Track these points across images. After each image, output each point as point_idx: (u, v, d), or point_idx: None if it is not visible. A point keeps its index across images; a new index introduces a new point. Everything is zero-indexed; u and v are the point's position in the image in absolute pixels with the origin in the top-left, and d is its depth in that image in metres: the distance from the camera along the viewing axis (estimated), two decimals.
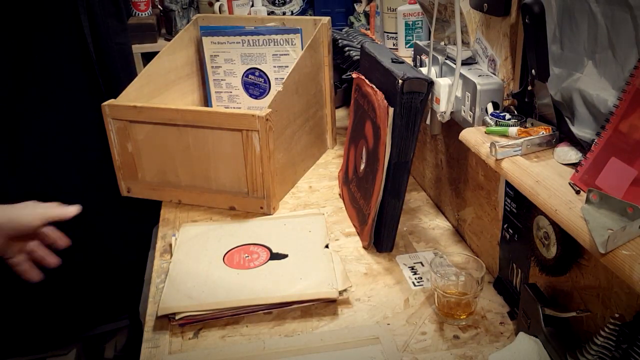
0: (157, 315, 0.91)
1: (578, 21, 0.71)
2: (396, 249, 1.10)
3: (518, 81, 0.87)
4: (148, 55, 1.92)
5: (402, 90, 0.95)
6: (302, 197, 1.31)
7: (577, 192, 0.66)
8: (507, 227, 0.92)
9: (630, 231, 0.56)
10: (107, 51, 1.42)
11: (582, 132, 0.72)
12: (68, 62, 1.35)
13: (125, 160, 1.26)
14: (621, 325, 0.62)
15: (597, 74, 0.69)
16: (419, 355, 0.84)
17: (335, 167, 1.44)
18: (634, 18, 0.62)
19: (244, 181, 1.20)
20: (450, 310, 0.90)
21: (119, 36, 1.50)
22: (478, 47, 0.96)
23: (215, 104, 1.57)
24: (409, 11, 1.29)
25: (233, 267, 1.02)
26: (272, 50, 1.45)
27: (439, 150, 1.22)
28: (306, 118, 1.37)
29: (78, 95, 1.38)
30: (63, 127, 1.37)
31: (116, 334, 1.70)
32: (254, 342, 0.87)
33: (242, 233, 1.13)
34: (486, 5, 0.88)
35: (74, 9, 1.32)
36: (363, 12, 1.82)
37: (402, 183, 1.02)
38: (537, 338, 0.77)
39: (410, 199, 1.30)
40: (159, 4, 2.25)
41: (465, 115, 0.93)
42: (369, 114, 1.09)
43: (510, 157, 0.76)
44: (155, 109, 1.20)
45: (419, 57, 1.12)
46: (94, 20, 1.37)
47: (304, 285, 0.95)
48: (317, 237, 1.10)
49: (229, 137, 1.16)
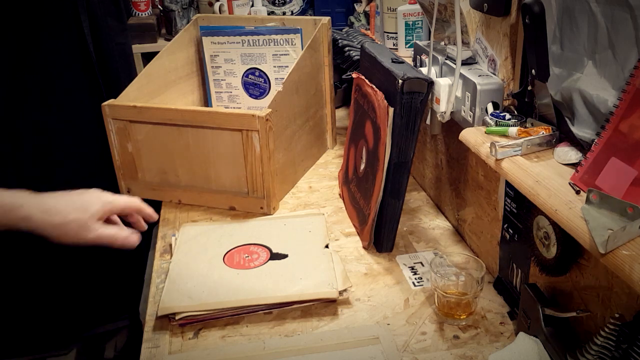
0: (157, 315, 0.91)
1: (578, 21, 0.71)
2: (396, 249, 1.10)
3: (518, 81, 0.87)
4: (148, 55, 1.91)
5: (402, 90, 0.95)
6: (302, 197, 1.31)
7: (577, 192, 0.66)
8: (507, 227, 0.92)
9: (630, 231, 0.56)
10: (107, 51, 1.42)
11: (582, 132, 0.72)
12: (68, 62, 1.35)
13: (125, 160, 1.26)
14: (621, 325, 0.62)
15: (597, 74, 0.69)
16: (419, 355, 0.84)
17: (335, 167, 1.44)
18: (634, 18, 0.62)
19: (244, 181, 1.20)
20: (450, 310, 0.90)
21: (119, 36, 1.51)
22: (478, 47, 0.96)
23: (215, 104, 1.57)
24: (409, 11, 1.29)
25: (233, 267, 1.02)
26: (272, 50, 1.45)
27: (439, 150, 1.22)
28: (306, 118, 1.37)
29: (78, 95, 1.38)
30: (63, 127, 1.37)
31: (116, 334, 1.70)
32: (254, 342, 0.87)
33: (242, 233, 1.13)
34: (486, 5, 0.88)
35: (74, 9, 1.32)
36: (363, 12, 1.82)
37: (402, 183, 1.02)
38: (537, 338, 0.77)
39: (410, 199, 1.30)
40: (159, 4, 2.25)
41: (465, 115, 0.93)
42: (369, 114, 1.09)
43: (510, 157, 0.76)
44: (155, 109, 1.20)
45: (419, 57, 1.12)
46: (94, 20, 1.37)
47: (304, 285, 0.95)
48: (317, 237, 1.10)
49: (229, 137, 1.16)
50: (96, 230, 0.86)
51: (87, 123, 1.37)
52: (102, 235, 0.86)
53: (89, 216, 0.85)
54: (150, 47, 2.07)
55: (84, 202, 0.87)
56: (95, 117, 1.28)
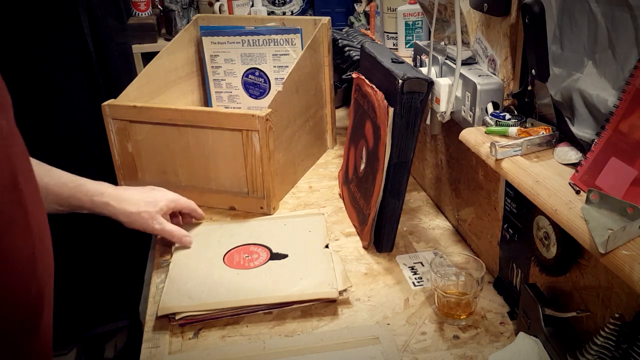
0: (157, 315, 0.91)
1: (578, 21, 0.71)
2: (396, 249, 1.10)
3: (518, 81, 0.87)
4: (148, 55, 1.92)
5: (402, 90, 0.95)
6: (302, 197, 1.31)
7: (577, 192, 0.66)
8: (507, 227, 0.92)
9: (630, 231, 0.56)
10: (107, 51, 1.42)
11: (582, 132, 0.72)
12: (68, 62, 1.35)
13: (125, 160, 1.26)
14: (621, 325, 0.62)
15: (597, 74, 0.69)
16: (419, 355, 0.84)
17: (335, 167, 1.44)
18: (634, 18, 0.62)
19: (244, 181, 1.20)
20: (450, 310, 0.90)
21: (119, 36, 1.51)
22: (478, 47, 0.96)
23: (215, 104, 1.57)
24: (409, 11, 1.29)
25: (233, 267, 1.02)
26: (272, 50, 1.45)
27: (439, 150, 1.22)
28: (306, 118, 1.37)
29: (78, 95, 1.38)
30: (63, 127, 1.37)
31: (116, 334, 1.70)
32: (254, 342, 0.87)
33: (242, 233, 1.13)
34: (486, 5, 0.88)
35: (74, 9, 1.32)
36: (363, 12, 1.82)
37: (402, 183, 1.02)
38: (537, 338, 0.77)
39: (410, 199, 1.30)
40: (159, 4, 2.25)
41: (465, 115, 0.93)
42: (369, 114, 1.09)
43: (510, 157, 0.76)
44: (155, 109, 1.20)
45: (419, 57, 1.12)
46: (94, 20, 1.37)
47: (304, 285, 0.95)
48: (317, 237, 1.10)
49: (229, 137, 1.16)
50: (161, 224, 1.04)
51: (87, 123, 1.37)
52: (165, 229, 1.04)
53: (157, 210, 1.03)
54: (150, 47, 2.07)
55: (154, 197, 1.05)
56: (95, 117, 1.28)
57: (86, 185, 1.00)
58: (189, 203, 1.12)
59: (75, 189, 0.99)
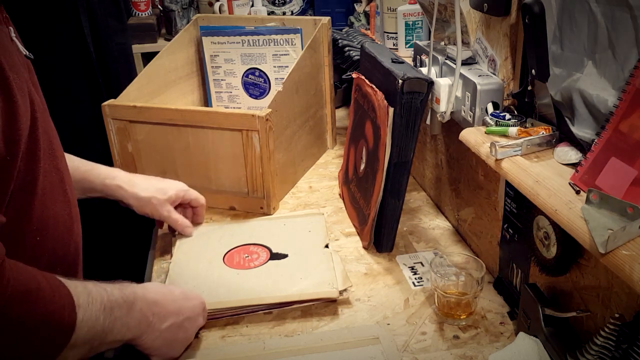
0: None
1: (578, 21, 0.71)
2: (396, 249, 1.10)
3: (518, 81, 0.87)
4: (148, 55, 1.91)
5: (402, 90, 0.95)
6: (302, 197, 1.31)
7: (577, 192, 0.66)
8: (507, 227, 0.92)
9: (630, 231, 0.56)
10: (107, 51, 1.42)
11: (582, 132, 0.72)
12: (68, 62, 1.35)
13: (125, 160, 1.26)
14: (621, 325, 0.62)
15: (597, 74, 0.69)
16: (419, 355, 0.84)
17: (335, 167, 1.44)
18: (634, 18, 0.62)
19: (244, 181, 1.20)
20: (450, 310, 0.90)
21: (119, 36, 1.51)
22: (478, 47, 0.96)
23: (215, 104, 1.57)
24: (409, 11, 1.29)
25: (233, 267, 1.02)
26: (272, 50, 1.45)
27: (439, 150, 1.22)
28: (306, 118, 1.37)
29: (78, 95, 1.38)
30: (63, 127, 1.37)
31: None
32: (254, 342, 0.87)
33: (242, 233, 1.13)
34: (486, 5, 0.88)
35: (74, 9, 1.32)
36: (363, 12, 1.82)
37: (402, 183, 1.02)
38: (537, 338, 0.77)
39: (410, 199, 1.30)
40: (159, 4, 2.25)
41: (465, 115, 0.93)
42: (369, 114, 1.09)
43: (510, 157, 0.76)
44: (155, 109, 1.20)
45: (419, 57, 1.12)
46: (94, 20, 1.37)
47: (304, 285, 0.95)
48: (317, 237, 1.10)
49: (229, 137, 1.16)
50: (168, 211, 1.08)
51: (87, 123, 1.37)
52: (171, 217, 1.08)
53: (166, 198, 1.07)
54: (150, 47, 2.07)
55: (164, 185, 1.09)
56: (95, 117, 1.28)
57: (98, 169, 1.03)
58: (199, 197, 1.13)
59: (87, 172, 1.01)
